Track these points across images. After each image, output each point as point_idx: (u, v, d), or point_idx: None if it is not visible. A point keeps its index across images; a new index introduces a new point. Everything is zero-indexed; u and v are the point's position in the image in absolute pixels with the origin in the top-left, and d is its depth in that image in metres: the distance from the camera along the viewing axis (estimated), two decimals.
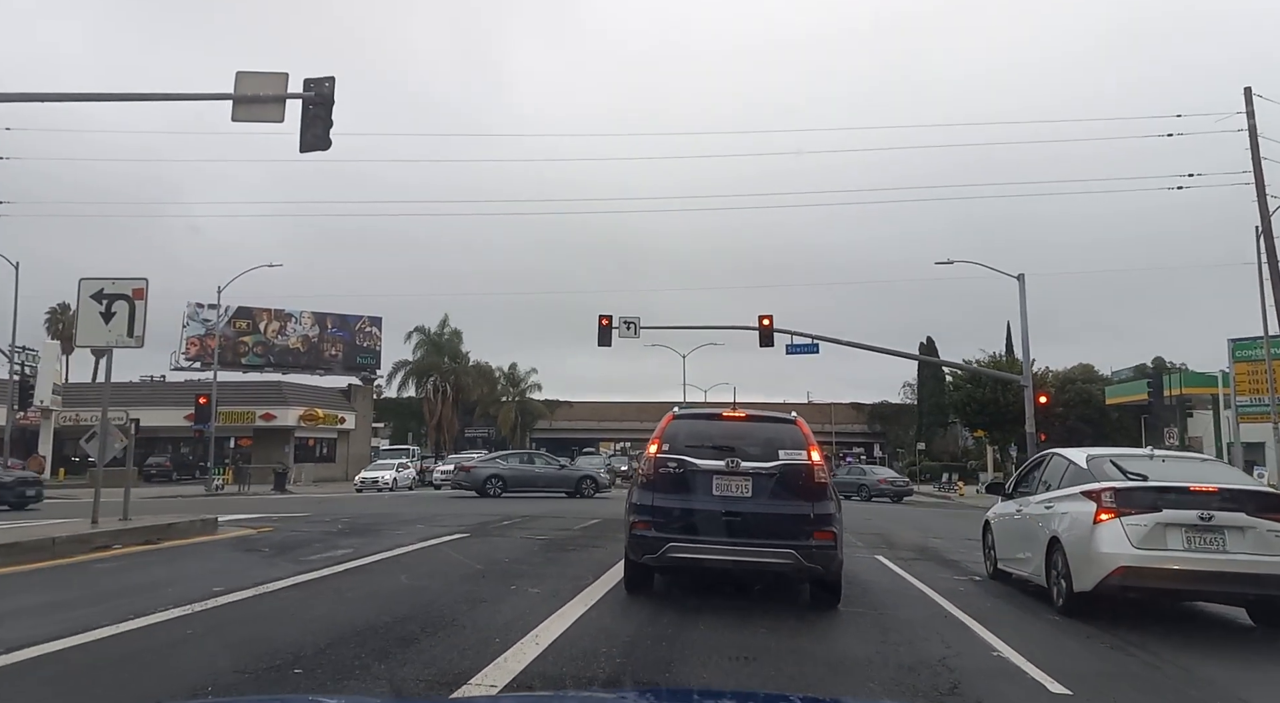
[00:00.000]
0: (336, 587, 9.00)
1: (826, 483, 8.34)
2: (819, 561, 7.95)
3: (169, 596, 8.00)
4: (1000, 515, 11.32)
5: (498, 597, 8.47)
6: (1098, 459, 9.16)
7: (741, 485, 8.15)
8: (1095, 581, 8.07)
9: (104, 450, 13.26)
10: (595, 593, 8.75)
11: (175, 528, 13.36)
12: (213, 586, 8.59)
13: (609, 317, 33.97)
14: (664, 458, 8.36)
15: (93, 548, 11.37)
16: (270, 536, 14.33)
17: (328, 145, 17.05)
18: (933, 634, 7.43)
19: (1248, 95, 29.35)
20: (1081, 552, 8.29)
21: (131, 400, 56.07)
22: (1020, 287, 34.78)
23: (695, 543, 8.01)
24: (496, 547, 13.10)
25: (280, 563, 10.68)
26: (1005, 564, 10.82)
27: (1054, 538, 8.91)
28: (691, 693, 4.92)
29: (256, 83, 16.77)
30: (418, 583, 9.26)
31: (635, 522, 8.29)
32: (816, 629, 7.52)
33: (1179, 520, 7.89)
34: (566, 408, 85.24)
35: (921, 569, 11.94)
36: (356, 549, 12.19)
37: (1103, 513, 8.17)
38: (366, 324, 65.92)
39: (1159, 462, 9.15)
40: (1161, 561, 7.83)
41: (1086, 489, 8.57)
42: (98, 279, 12.95)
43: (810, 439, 8.50)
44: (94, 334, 12.86)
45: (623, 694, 4.81)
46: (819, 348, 35.60)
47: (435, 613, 7.53)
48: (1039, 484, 10.26)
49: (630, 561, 8.59)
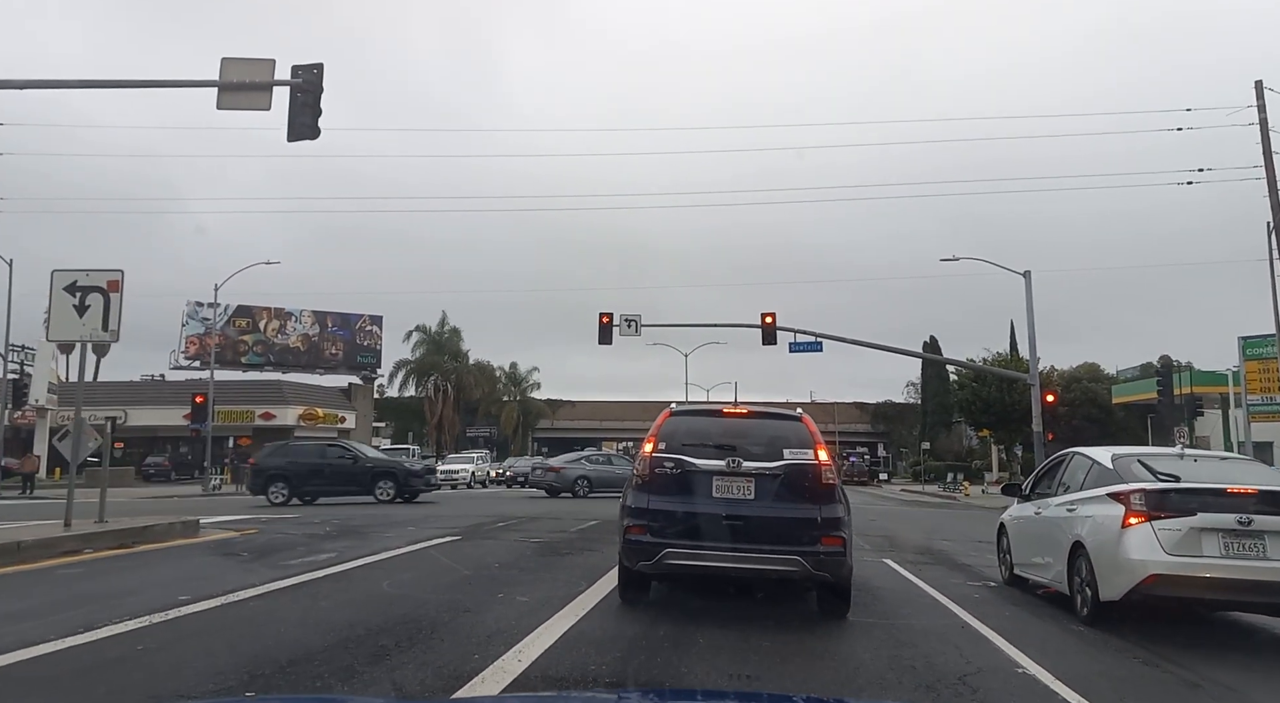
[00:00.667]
0: (312, 595, 8.45)
1: (835, 484, 7.76)
2: (827, 568, 7.38)
3: (128, 606, 7.46)
4: (1017, 518, 10.74)
5: (482, 606, 7.92)
6: (1124, 459, 8.58)
7: (744, 487, 7.57)
8: (1124, 589, 7.50)
9: (77, 450, 12.70)
10: (587, 602, 8.19)
11: (152, 531, 12.80)
12: (179, 594, 8.04)
13: (609, 314, 33.53)
14: (660, 458, 7.78)
15: (61, 553, 10.82)
16: (253, 538, 13.78)
17: (316, 134, 16.53)
18: (950, 647, 6.87)
19: (1258, 88, 28.73)
20: (1108, 558, 7.72)
21: (131, 400, 55.76)
22: (1027, 283, 34.26)
23: (694, 549, 7.42)
24: (487, 551, 12.54)
25: (257, 569, 10.13)
26: (1022, 570, 10.25)
27: (1077, 543, 8.34)
28: (694, 694, 4.87)
29: (243, 69, 16.25)
30: (399, 591, 8.71)
31: (630, 526, 7.70)
32: (825, 644, 6.96)
33: (1215, 525, 7.32)
34: (568, 407, 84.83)
35: (932, 574, 11.37)
36: (340, 553, 11.64)
37: (1132, 517, 7.59)
38: (367, 323, 65.46)
39: (1190, 461, 8.56)
40: (1197, 568, 7.26)
41: (1114, 491, 8.00)
42: (71, 271, 12.39)
43: (817, 438, 7.92)
44: (67, 328, 12.30)
45: (624, 694, 4.67)
46: (822, 346, 35.11)
47: (413, 625, 6.97)
48: (1059, 485, 9.69)
49: (625, 568, 7.99)
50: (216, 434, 44.96)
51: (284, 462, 26.90)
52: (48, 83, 18.59)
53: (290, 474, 26.35)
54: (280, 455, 27.56)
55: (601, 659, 6.08)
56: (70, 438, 12.70)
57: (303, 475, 26.38)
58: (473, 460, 51.13)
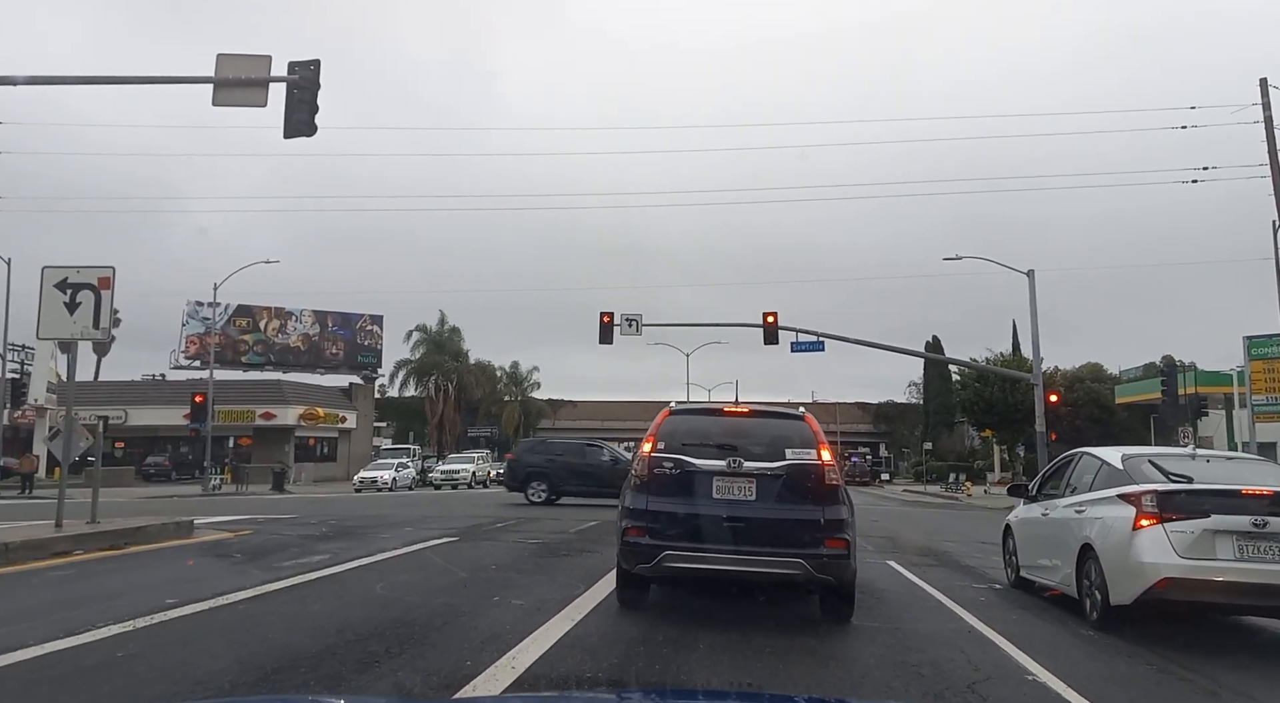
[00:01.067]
0: (302, 598, 8.25)
1: (838, 485, 7.55)
2: (831, 571, 7.17)
3: (114, 609, 7.26)
4: (1023, 520, 10.53)
5: (477, 610, 7.72)
6: (1134, 459, 8.37)
7: (745, 488, 7.37)
8: (1135, 593, 7.29)
9: (68, 450, 12.52)
10: (584, 605, 8.00)
11: (145, 532, 12.60)
12: (166, 597, 7.84)
13: (610, 314, 33.34)
14: (659, 457, 7.58)
15: (51, 554, 10.63)
16: (247, 539, 13.58)
17: (313, 131, 16.34)
18: (957, 653, 6.66)
19: (1263, 86, 28.53)
20: (1119, 561, 7.52)
21: (131, 399, 55.61)
22: (1030, 282, 34.07)
23: (694, 551, 7.21)
24: (485, 552, 12.35)
25: (249, 571, 9.93)
26: (1029, 572, 10.05)
27: (1086, 545, 8.14)
28: (696, 693, 4.82)
29: (239, 66, 16.06)
30: (392, 594, 8.51)
31: (628, 528, 7.49)
32: (829, 648, 6.76)
33: (1230, 527, 7.11)
34: (569, 407, 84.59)
35: (937, 576, 11.17)
36: (335, 555, 11.45)
37: (1143, 518, 7.39)
38: (368, 322, 65.28)
39: (1202, 462, 8.34)
40: (1210, 572, 7.06)
41: (1124, 492, 7.79)
42: (62, 268, 12.19)
43: (820, 437, 7.71)
44: (57, 326, 12.09)
45: (626, 694, 4.61)
46: (824, 346, 34.88)
47: (405, 629, 6.78)
48: (1066, 486, 9.48)
49: (623, 570, 7.78)
50: (217, 434, 44.81)
51: (543, 459, 25.99)
52: (47, 79, 18.45)
53: (550, 473, 25.41)
54: (539, 453, 26.62)
55: (598, 665, 5.90)
56: (61, 438, 12.52)
57: (562, 475, 25.32)
58: (473, 460, 51.00)
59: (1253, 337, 36.77)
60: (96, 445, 13.73)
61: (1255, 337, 36.49)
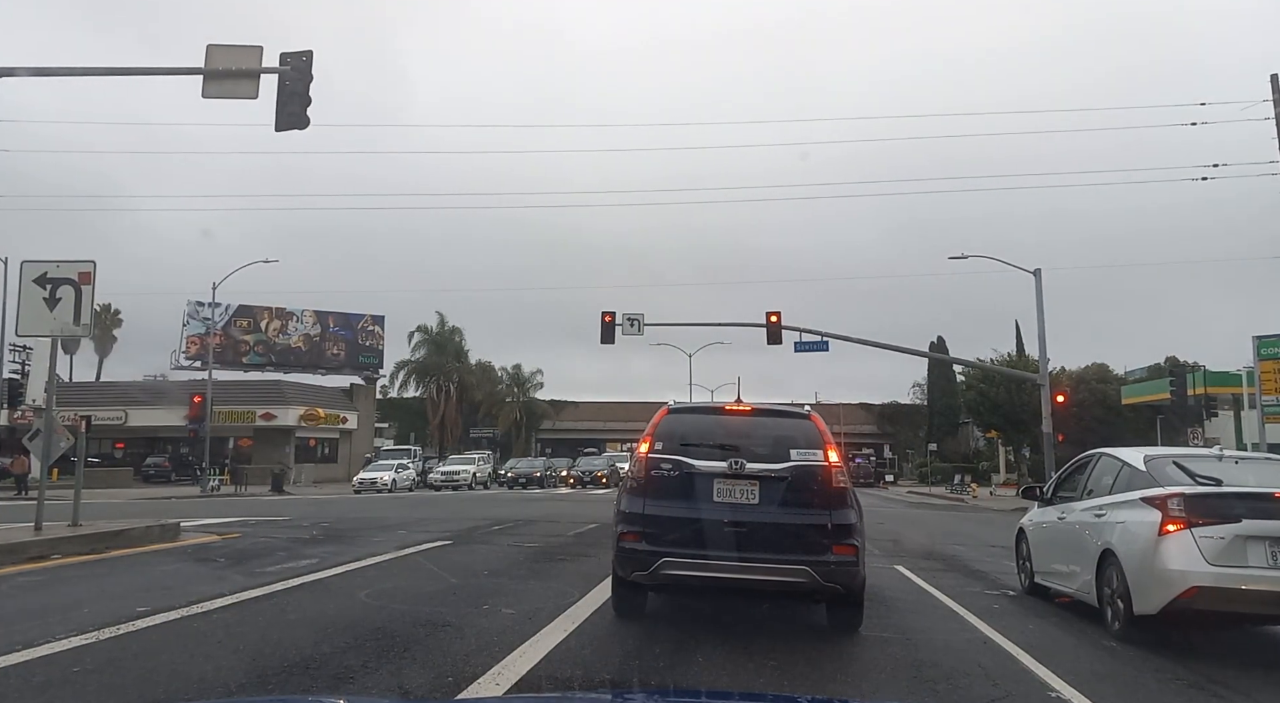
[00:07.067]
0: (282, 606, 7.84)
1: (846, 488, 7.12)
2: (838, 579, 6.74)
3: (79, 619, 6.87)
4: (1038, 523, 10.11)
5: (465, 620, 7.31)
6: (1158, 460, 7.95)
7: (747, 491, 6.94)
8: (1162, 603, 6.87)
9: (48, 450, 12.13)
10: (579, 614, 7.58)
11: (128, 535, 12.20)
12: (137, 606, 7.44)
13: (612, 313, 32.96)
14: (657, 459, 7.15)
15: (26, 558, 10.24)
16: (233, 542, 13.18)
17: (305, 124, 15.97)
18: (974, 667, 6.25)
19: (1274, 82, 28.06)
20: (1144, 568, 7.10)
21: (131, 400, 55.27)
22: (1037, 281, 33.65)
23: (693, 558, 6.78)
24: (478, 557, 11.94)
25: (230, 576, 9.53)
26: (1044, 578, 9.63)
27: (1107, 551, 7.72)
28: (699, 693, 4.73)
29: (229, 57, 15.71)
30: (377, 602, 8.09)
31: (624, 533, 7.07)
32: (838, 663, 6.35)
33: (1263, 532, 6.69)
34: (571, 408, 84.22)
35: (947, 582, 10.75)
36: (322, 559, 11.04)
37: (1170, 523, 6.97)
38: (369, 323, 64.92)
39: (1230, 463, 7.92)
40: (1242, 580, 6.64)
41: (1148, 496, 7.37)
42: (41, 262, 11.80)
43: (827, 437, 7.28)
44: (37, 322, 11.71)
45: (628, 694, 4.50)
46: (828, 346, 34.44)
47: (386, 641, 6.38)
48: (1084, 489, 9.06)
49: (618, 578, 7.38)
50: (217, 435, 44.47)
51: None
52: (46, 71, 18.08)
53: None
54: None
55: (590, 681, 5.50)
56: (40, 438, 12.13)
57: None
58: (473, 462, 50.59)
59: (1262, 336, 36.24)
60: (79, 446, 13.33)
61: (1265, 336, 35.98)
